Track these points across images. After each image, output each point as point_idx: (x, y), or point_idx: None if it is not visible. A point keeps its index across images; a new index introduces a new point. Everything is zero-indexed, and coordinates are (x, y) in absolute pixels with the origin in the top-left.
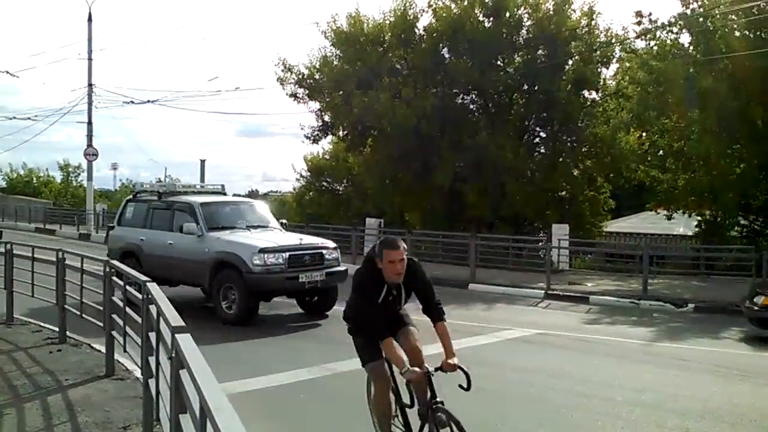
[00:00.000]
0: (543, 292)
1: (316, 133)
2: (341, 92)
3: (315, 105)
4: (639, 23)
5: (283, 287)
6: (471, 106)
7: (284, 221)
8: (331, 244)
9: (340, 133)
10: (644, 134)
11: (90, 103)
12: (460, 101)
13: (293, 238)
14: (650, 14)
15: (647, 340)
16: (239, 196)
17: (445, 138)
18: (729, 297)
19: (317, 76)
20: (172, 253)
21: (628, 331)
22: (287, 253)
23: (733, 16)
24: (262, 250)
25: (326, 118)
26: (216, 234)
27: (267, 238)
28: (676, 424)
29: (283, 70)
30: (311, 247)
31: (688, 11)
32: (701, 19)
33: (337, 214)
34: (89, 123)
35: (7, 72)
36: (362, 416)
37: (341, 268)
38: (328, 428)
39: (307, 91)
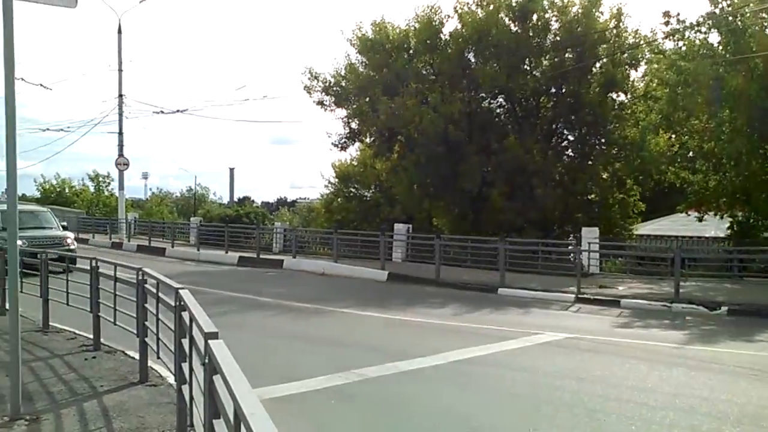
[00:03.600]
0: (573, 296)
1: (343, 140)
2: (367, 99)
3: (342, 112)
4: (667, 23)
5: None
6: (498, 111)
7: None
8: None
9: (367, 139)
10: (673, 136)
11: (121, 114)
12: (487, 106)
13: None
14: (678, 14)
15: (680, 343)
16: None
17: (473, 143)
18: (763, 299)
19: (343, 83)
20: None
21: (661, 335)
22: None
23: (764, 14)
24: None
25: (353, 125)
26: None
27: None
28: (711, 428)
29: (309, 78)
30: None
31: (717, 10)
32: (730, 18)
33: (366, 220)
34: (120, 133)
35: (41, 85)
36: (391, 422)
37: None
38: None
39: (333, 99)
